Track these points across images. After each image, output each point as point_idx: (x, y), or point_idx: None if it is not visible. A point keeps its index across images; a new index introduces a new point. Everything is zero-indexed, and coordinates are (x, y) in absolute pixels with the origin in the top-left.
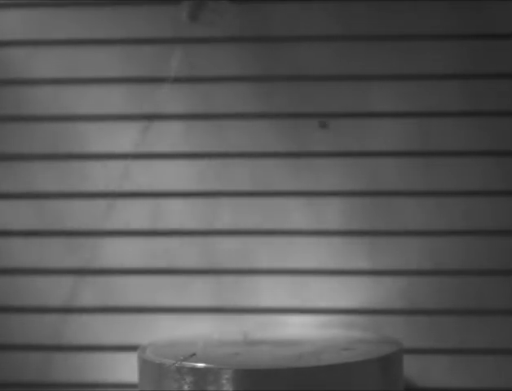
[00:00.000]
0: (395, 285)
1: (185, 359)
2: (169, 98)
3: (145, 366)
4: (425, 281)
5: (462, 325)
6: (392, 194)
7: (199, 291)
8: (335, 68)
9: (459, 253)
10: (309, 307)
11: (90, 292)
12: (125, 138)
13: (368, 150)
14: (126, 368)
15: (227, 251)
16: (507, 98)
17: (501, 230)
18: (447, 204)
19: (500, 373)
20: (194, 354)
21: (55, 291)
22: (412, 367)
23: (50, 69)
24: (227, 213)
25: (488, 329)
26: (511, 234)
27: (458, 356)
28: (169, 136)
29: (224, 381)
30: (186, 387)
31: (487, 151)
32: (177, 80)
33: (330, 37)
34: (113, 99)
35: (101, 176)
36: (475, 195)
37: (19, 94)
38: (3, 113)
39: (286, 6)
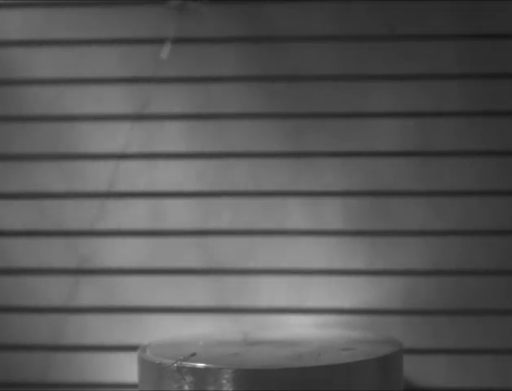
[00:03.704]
0: (394, 285)
1: (185, 359)
2: (170, 99)
3: (145, 366)
4: (424, 281)
5: (461, 325)
6: (391, 194)
7: (199, 291)
8: (335, 68)
9: (458, 253)
10: (308, 307)
11: (90, 291)
12: (125, 138)
13: (367, 150)
14: (126, 368)
15: (227, 251)
16: (507, 98)
17: (500, 231)
18: (446, 204)
19: (499, 373)
20: (194, 354)
21: (55, 291)
22: (411, 367)
23: (50, 69)
24: (227, 213)
25: (487, 329)
26: (510, 234)
27: (457, 356)
28: (169, 136)
29: (224, 381)
30: (186, 387)
31: (486, 151)
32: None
33: (330, 37)
34: (113, 99)
35: (101, 176)
36: (474, 195)
37: (20, 94)
38: (3, 113)
39: (286, 6)
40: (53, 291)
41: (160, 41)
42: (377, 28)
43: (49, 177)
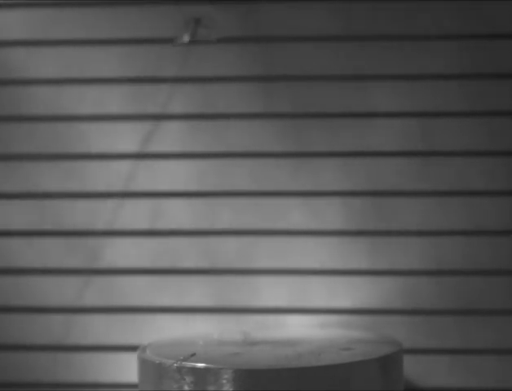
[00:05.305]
0: (395, 285)
1: (185, 359)
2: (170, 99)
3: (145, 366)
4: (424, 281)
5: (463, 325)
6: (392, 194)
7: (199, 291)
8: (336, 68)
9: (459, 253)
10: (309, 307)
11: (91, 292)
12: (125, 138)
13: (367, 150)
14: (126, 368)
15: (227, 251)
16: (507, 98)
17: (502, 231)
18: (447, 204)
19: (502, 373)
20: (194, 354)
21: (57, 291)
22: (411, 367)
23: (50, 69)
24: (226, 213)
25: (488, 329)
26: (511, 234)
27: (459, 356)
28: (169, 136)
29: (224, 381)
30: (186, 387)
31: (487, 151)
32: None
33: (330, 37)
34: (113, 99)
35: (102, 176)
36: (475, 195)
37: (20, 94)
38: (3, 113)
39: (287, 6)
40: (55, 291)
41: (160, 41)
42: (377, 29)
43: (50, 177)
